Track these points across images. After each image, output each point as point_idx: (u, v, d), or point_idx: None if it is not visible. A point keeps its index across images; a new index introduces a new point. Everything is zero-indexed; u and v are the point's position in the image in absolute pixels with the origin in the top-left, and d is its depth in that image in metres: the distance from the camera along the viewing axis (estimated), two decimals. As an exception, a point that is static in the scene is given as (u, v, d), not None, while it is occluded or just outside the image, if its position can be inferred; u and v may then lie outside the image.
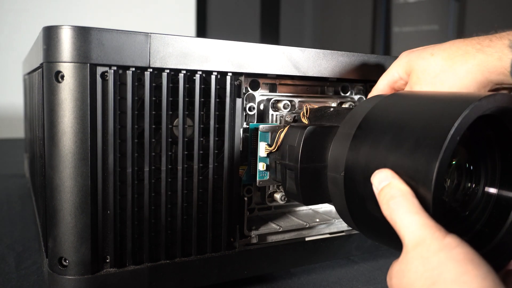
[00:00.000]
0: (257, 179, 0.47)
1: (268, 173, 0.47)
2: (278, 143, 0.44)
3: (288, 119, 0.49)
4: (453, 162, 0.37)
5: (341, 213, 0.38)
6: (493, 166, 0.37)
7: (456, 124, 0.28)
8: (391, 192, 0.30)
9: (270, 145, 0.46)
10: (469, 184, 0.37)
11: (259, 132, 0.46)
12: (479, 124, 0.34)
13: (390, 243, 0.33)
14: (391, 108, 0.35)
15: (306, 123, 0.47)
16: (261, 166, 0.46)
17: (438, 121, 0.29)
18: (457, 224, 0.36)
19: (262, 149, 0.46)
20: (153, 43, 0.39)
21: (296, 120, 0.49)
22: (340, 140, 0.37)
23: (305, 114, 0.48)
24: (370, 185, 0.32)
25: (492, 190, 0.37)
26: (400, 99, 0.36)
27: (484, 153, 0.37)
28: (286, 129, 0.44)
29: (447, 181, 0.37)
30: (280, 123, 0.49)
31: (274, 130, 0.46)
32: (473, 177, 0.37)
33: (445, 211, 0.36)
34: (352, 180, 0.35)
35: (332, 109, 0.46)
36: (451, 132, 0.28)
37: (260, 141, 0.46)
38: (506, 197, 0.36)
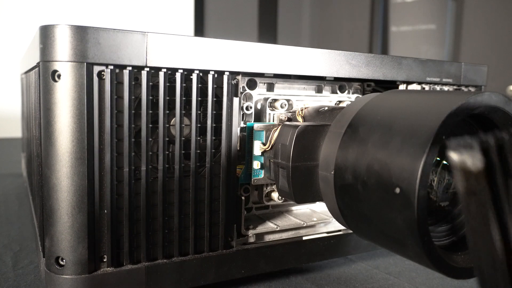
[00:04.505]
0: (252, 177, 0.47)
1: (263, 171, 0.47)
2: (272, 142, 0.44)
3: (283, 118, 0.49)
4: (441, 160, 0.37)
5: (332, 211, 0.38)
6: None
7: (440, 123, 0.28)
8: None
9: (264, 144, 0.46)
10: None
11: (254, 131, 0.46)
12: (468, 122, 0.34)
13: (379, 241, 0.33)
14: (380, 107, 0.35)
15: (301, 122, 0.47)
16: (256, 164, 0.47)
17: (424, 120, 0.30)
18: (446, 223, 0.36)
19: (257, 147, 0.46)
20: (150, 42, 0.39)
21: (291, 119, 0.49)
22: (331, 138, 0.37)
23: (300, 113, 0.48)
24: (359, 183, 0.32)
25: None
26: (390, 98, 0.36)
27: None
28: (279, 128, 0.44)
29: (434, 180, 0.37)
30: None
31: (268, 129, 0.46)
32: None
33: (432, 210, 0.36)
34: (341, 179, 0.35)
35: (326, 108, 0.46)
36: (435, 130, 0.28)
37: (255, 140, 0.46)
38: None
